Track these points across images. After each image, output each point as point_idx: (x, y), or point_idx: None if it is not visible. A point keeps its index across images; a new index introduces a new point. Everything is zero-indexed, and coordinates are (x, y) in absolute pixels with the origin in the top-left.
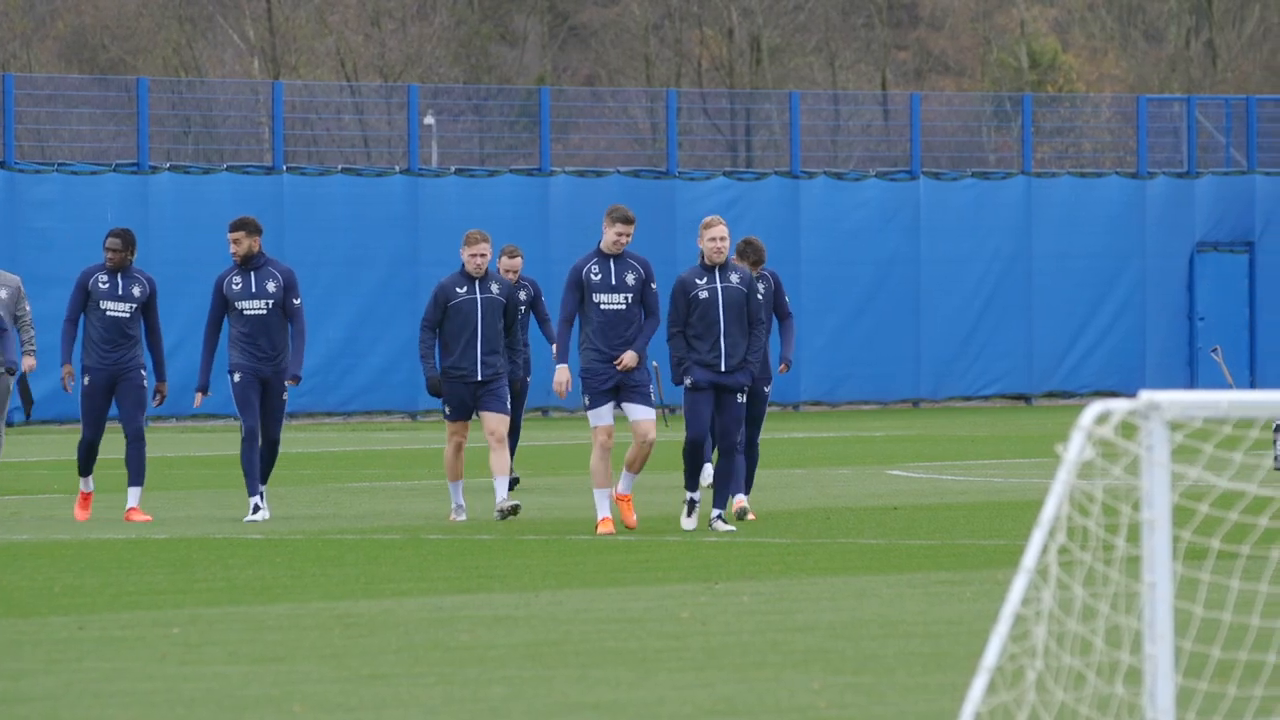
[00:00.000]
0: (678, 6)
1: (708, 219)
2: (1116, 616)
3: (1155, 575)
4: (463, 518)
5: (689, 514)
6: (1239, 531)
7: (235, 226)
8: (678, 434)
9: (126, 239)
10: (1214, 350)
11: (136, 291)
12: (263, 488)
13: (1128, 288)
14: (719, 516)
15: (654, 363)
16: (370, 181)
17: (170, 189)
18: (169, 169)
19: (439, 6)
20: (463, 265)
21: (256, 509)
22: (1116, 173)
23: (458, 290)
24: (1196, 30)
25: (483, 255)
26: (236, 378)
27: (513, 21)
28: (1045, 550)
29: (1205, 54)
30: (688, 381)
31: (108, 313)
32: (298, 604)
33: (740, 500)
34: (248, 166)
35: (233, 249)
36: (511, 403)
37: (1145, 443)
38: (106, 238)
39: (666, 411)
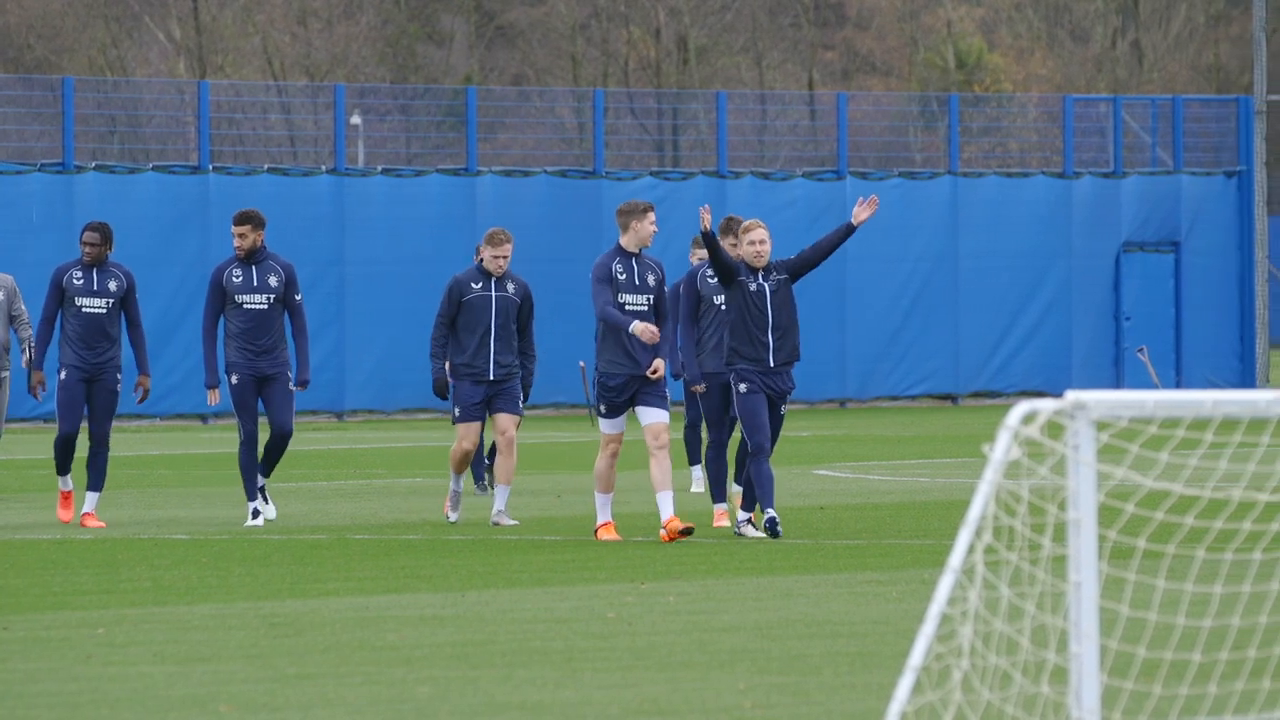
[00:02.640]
0: (605, 6)
1: (747, 222)
2: (1042, 616)
3: (1081, 575)
4: (455, 517)
5: (771, 530)
6: (1164, 531)
7: (240, 220)
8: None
9: (105, 232)
10: (1140, 350)
11: (113, 286)
12: (265, 481)
13: (1054, 288)
14: (748, 520)
15: (581, 363)
16: (296, 181)
17: (96, 188)
18: (94, 168)
19: (366, 6)
20: (480, 262)
21: (256, 514)
22: (1043, 172)
23: (473, 285)
24: (1123, 30)
25: (505, 257)
26: (234, 380)
27: (439, 21)
28: (971, 550)
29: (1131, 54)
30: (742, 387)
31: (84, 310)
32: (223, 604)
33: (723, 511)
34: (174, 166)
35: (237, 243)
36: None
37: (1071, 442)
38: (84, 231)
39: (595, 411)
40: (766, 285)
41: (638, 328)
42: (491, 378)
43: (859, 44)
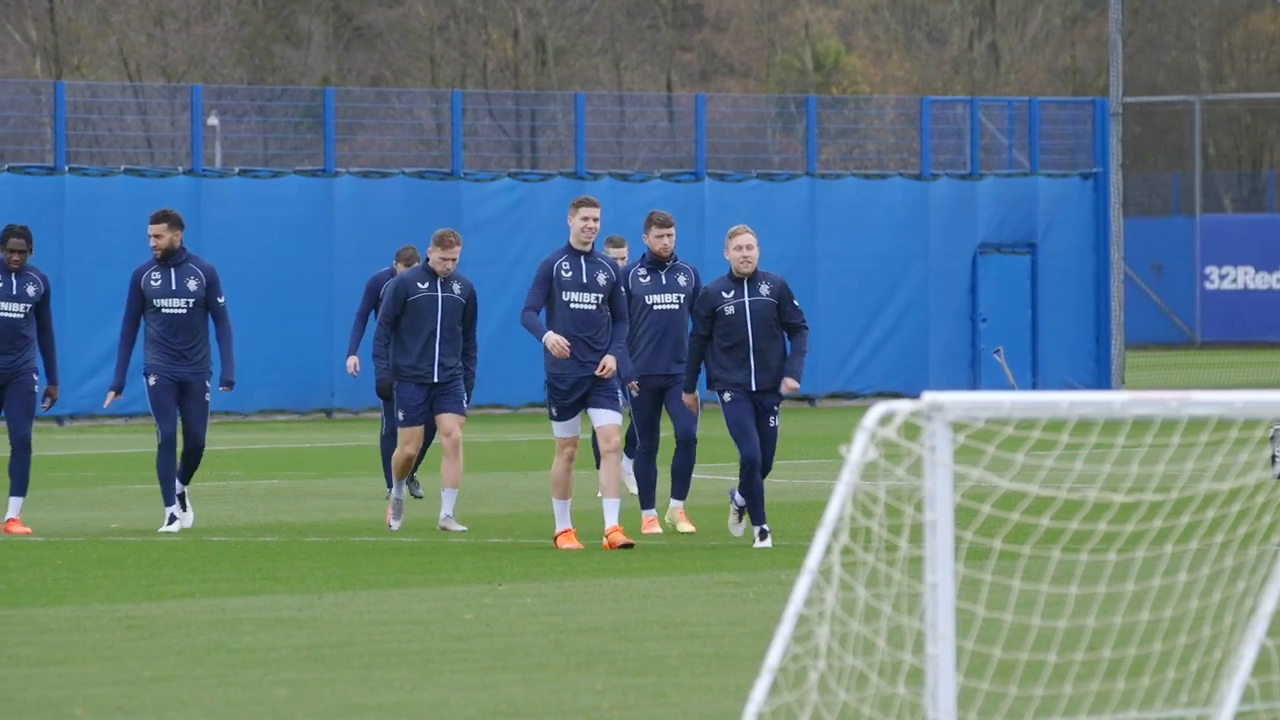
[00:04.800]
0: (463, 7)
1: (734, 227)
2: (899, 617)
3: (937, 576)
4: (396, 525)
5: (740, 519)
6: (1020, 532)
7: (157, 219)
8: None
9: (29, 237)
10: (996, 351)
11: (31, 291)
12: (185, 488)
13: (911, 289)
14: (760, 533)
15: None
16: (153, 182)
17: None
18: None
19: (223, 6)
20: (426, 262)
21: (173, 519)
22: (900, 174)
23: (419, 285)
24: (980, 32)
25: (454, 260)
26: (152, 381)
27: (297, 22)
28: (829, 551)
29: (988, 56)
30: (726, 396)
31: (1, 314)
32: (79, 606)
33: (679, 509)
34: (29, 167)
35: (153, 243)
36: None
37: (928, 444)
38: (9, 238)
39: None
40: (748, 302)
41: (549, 340)
42: (435, 380)
43: (717, 46)
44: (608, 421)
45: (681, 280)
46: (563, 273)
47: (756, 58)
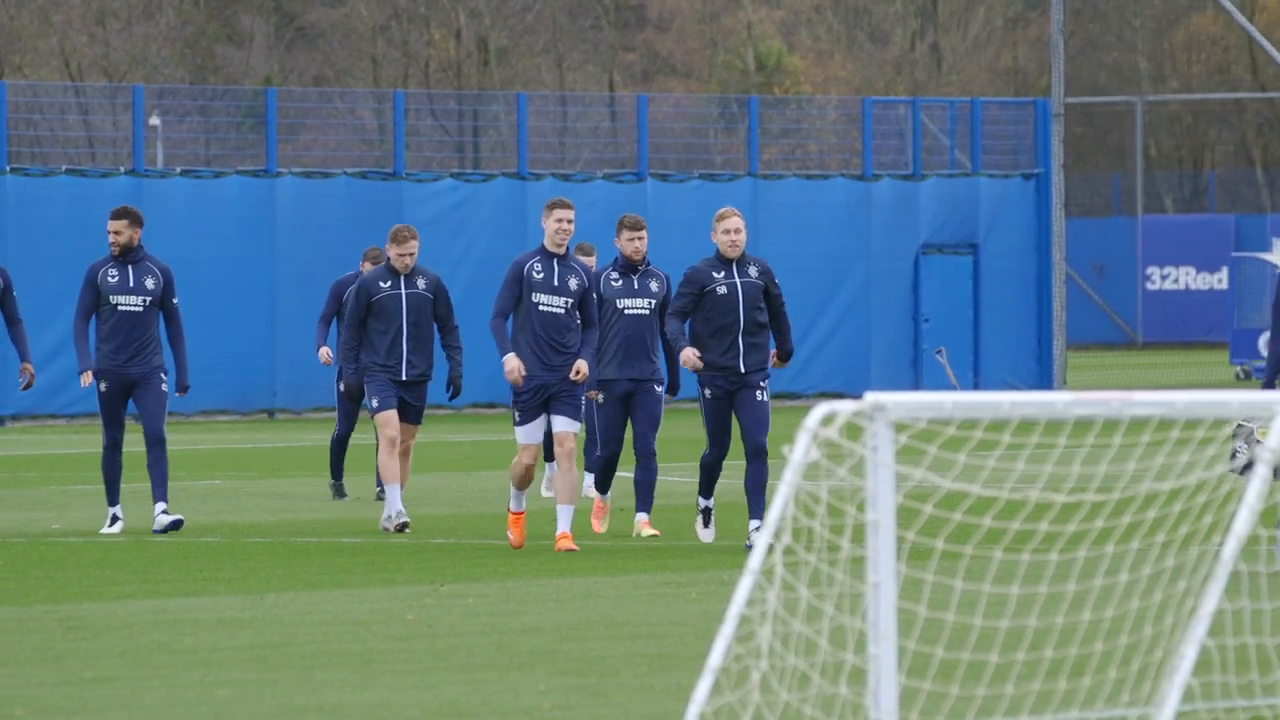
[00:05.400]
0: (405, 7)
1: (721, 210)
2: (841, 617)
3: (879, 576)
4: (405, 520)
5: (705, 524)
6: (962, 532)
7: (117, 215)
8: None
9: None
10: (938, 352)
11: None
12: (165, 506)
13: (853, 289)
14: (757, 529)
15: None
16: (95, 182)
17: None
18: None
19: (164, 6)
20: (388, 261)
21: (115, 519)
22: (842, 174)
23: (381, 285)
24: (922, 33)
25: (411, 254)
26: (103, 387)
27: (239, 22)
28: (770, 551)
29: (930, 57)
30: (707, 393)
31: None
32: (19, 607)
33: (643, 520)
34: None
35: (112, 239)
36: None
37: (870, 444)
38: None
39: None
40: (739, 282)
41: (507, 364)
42: (404, 378)
43: (659, 46)
44: (564, 428)
45: (653, 285)
46: (534, 274)
47: (699, 58)
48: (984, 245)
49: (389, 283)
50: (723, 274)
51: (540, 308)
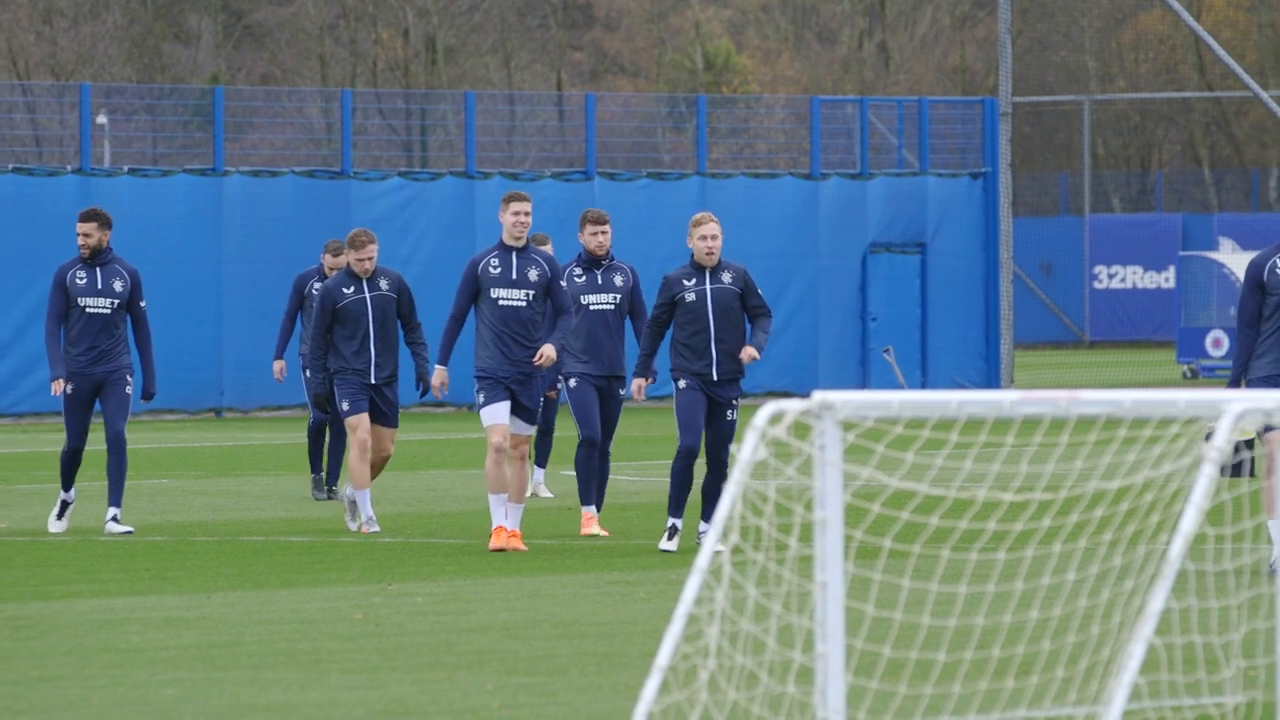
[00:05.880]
0: (353, 6)
1: (698, 215)
2: (789, 616)
3: (827, 574)
4: (376, 528)
5: (670, 538)
6: (910, 531)
7: (86, 218)
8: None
9: None
10: (886, 350)
11: None
12: (117, 511)
13: (801, 288)
14: (704, 532)
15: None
16: (41, 181)
17: None
18: None
19: (112, 5)
20: (348, 267)
21: (65, 506)
22: (790, 173)
23: (345, 291)
24: (870, 32)
25: (370, 259)
26: (69, 390)
27: (186, 21)
28: (719, 550)
29: (878, 56)
30: (681, 384)
31: None
32: None
33: (591, 517)
34: None
35: (81, 241)
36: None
37: (818, 443)
38: None
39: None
40: (709, 289)
41: (434, 377)
42: (373, 381)
43: (607, 45)
44: (519, 430)
45: (618, 280)
46: (490, 270)
47: (647, 57)
48: (932, 244)
49: (351, 288)
50: (694, 281)
51: (499, 302)
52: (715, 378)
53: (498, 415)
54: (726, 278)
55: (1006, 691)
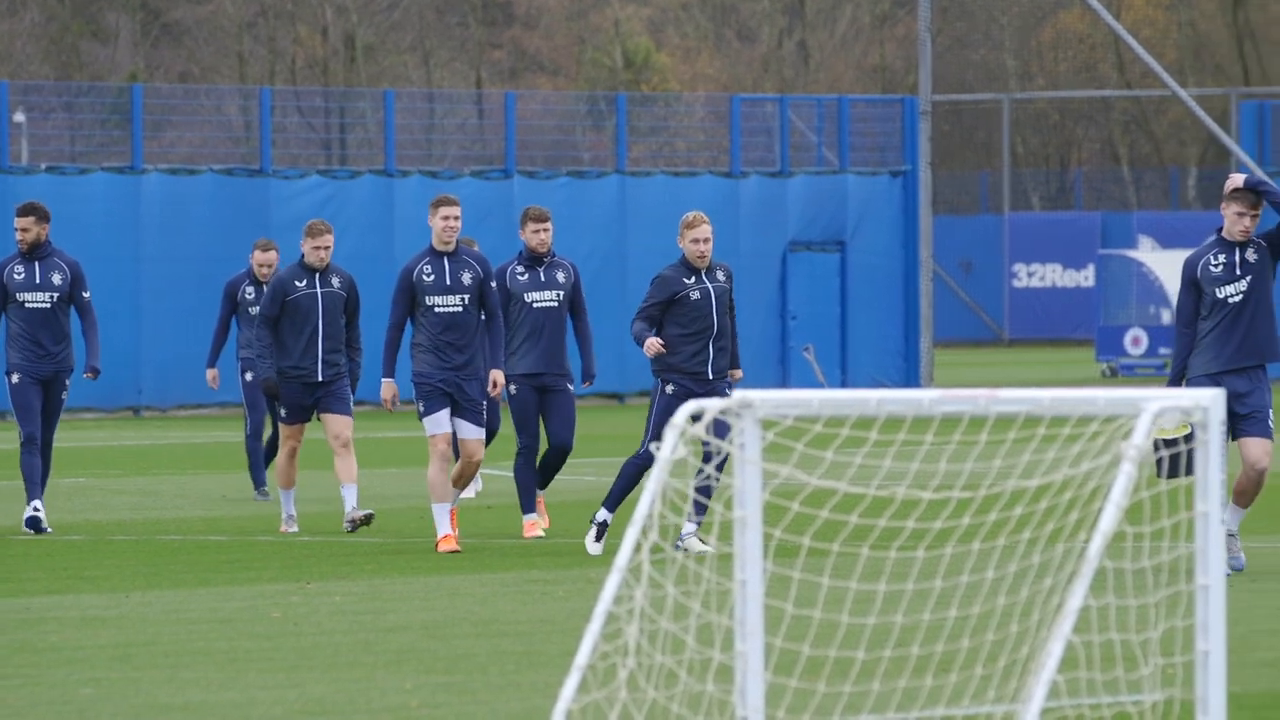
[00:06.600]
0: (272, 4)
1: (690, 217)
2: (708, 614)
3: (746, 573)
4: (294, 529)
5: (597, 539)
6: (829, 529)
7: (24, 211)
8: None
9: None
10: (806, 349)
11: None
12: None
13: None
14: (694, 533)
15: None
16: None
17: None
18: None
19: (29, 2)
20: (302, 257)
21: (38, 510)
22: (710, 172)
23: (296, 284)
24: (789, 30)
25: (326, 248)
26: (15, 380)
27: (104, 18)
28: (638, 549)
29: (798, 54)
30: (669, 389)
31: None
32: None
33: (532, 523)
34: None
35: (19, 236)
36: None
37: (737, 441)
38: None
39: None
40: (711, 287)
41: (383, 390)
42: (320, 379)
43: (527, 43)
44: (471, 435)
45: (560, 276)
46: (424, 277)
47: (566, 55)
48: (851, 242)
49: (304, 281)
50: (694, 279)
51: (436, 309)
52: (710, 375)
53: (440, 424)
54: (720, 276)
55: (925, 689)
